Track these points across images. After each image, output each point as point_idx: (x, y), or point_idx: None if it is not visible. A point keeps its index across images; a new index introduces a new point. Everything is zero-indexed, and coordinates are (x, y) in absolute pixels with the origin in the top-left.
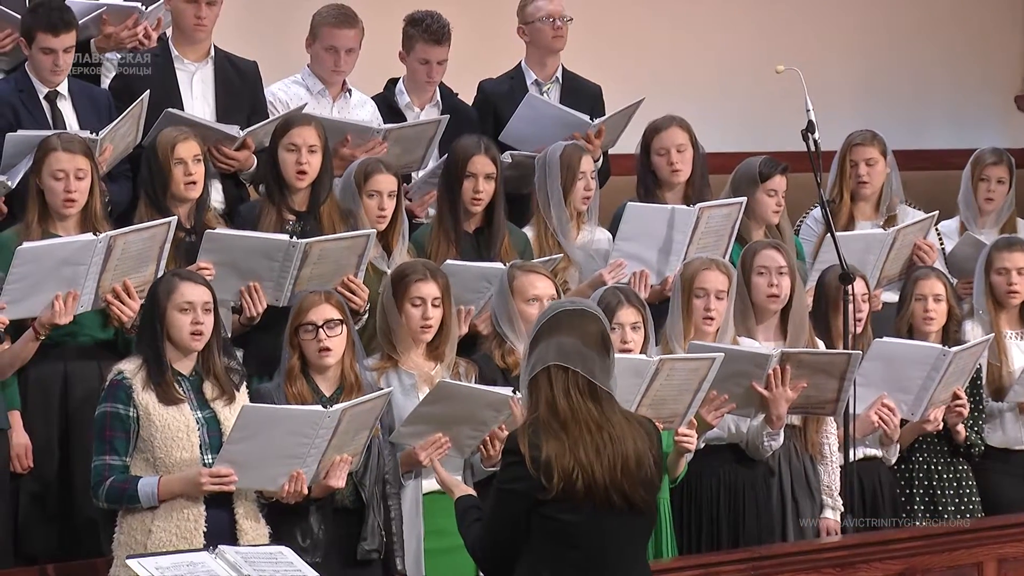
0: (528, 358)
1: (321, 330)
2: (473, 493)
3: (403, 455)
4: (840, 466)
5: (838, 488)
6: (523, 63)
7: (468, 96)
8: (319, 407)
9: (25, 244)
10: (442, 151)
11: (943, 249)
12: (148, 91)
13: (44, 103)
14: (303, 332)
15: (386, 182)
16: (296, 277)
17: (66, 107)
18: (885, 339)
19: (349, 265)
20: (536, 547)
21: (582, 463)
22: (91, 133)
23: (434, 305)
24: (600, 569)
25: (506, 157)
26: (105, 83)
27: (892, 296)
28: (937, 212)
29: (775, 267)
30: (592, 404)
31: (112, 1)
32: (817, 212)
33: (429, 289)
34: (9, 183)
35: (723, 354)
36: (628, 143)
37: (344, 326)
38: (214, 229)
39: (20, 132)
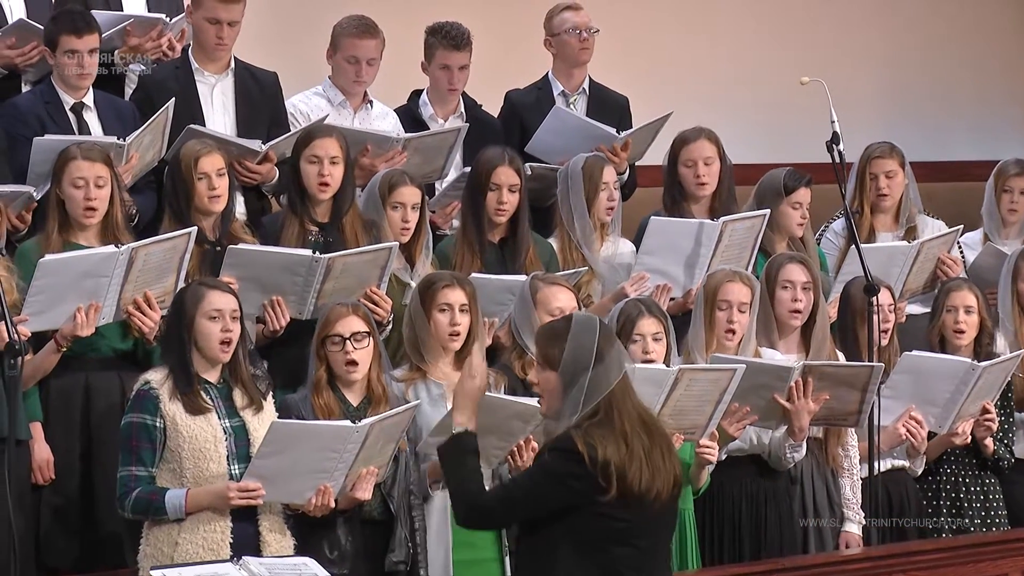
0: (596, 368)
1: (348, 342)
2: (474, 431)
3: (431, 465)
4: (863, 478)
5: (859, 501)
6: (550, 74)
7: (492, 108)
8: (348, 423)
9: (47, 256)
10: (467, 162)
11: (964, 260)
12: (173, 99)
13: (70, 114)
14: (330, 344)
15: (410, 194)
16: (319, 291)
17: (91, 118)
18: (915, 352)
19: (372, 277)
20: (585, 546)
21: (643, 467)
22: (118, 139)
23: (461, 311)
24: (647, 565)
25: (526, 169)
26: (128, 94)
27: (916, 308)
28: (961, 227)
29: (799, 282)
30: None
31: (136, 13)
32: (837, 224)
33: (456, 296)
34: (35, 194)
35: (744, 366)
36: (655, 155)
37: (371, 338)
38: (241, 239)
39: (47, 137)
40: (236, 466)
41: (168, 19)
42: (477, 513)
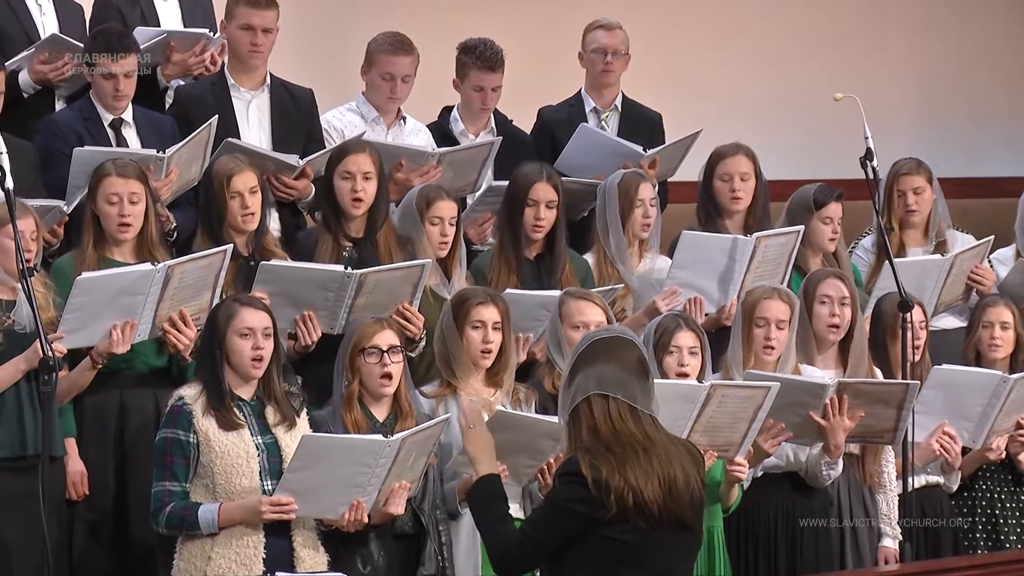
0: (567, 389)
1: (386, 355)
2: (498, 473)
3: (461, 483)
4: (899, 494)
5: (895, 517)
6: (583, 90)
7: (525, 124)
8: (380, 436)
9: (84, 274)
10: (498, 176)
11: (996, 276)
12: (216, 116)
13: (109, 130)
14: (366, 356)
15: (448, 208)
16: (351, 306)
17: (130, 134)
18: (945, 366)
19: (404, 294)
20: (592, 569)
21: (631, 483)
22: (158, 151)
23: (494, 328)
24: None
25: None
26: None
27: (950, 322)
28: (992, 237)
29: (838, 297)
30: (635, 427)
31: (178, 28)
32: (867, 240)
33: (490, 313)
34: (65, 208)
35: (779, 384)
36: (689, 171)
37: (402, 353)
38: (274, 253)
39: (88, 148)
40: (268, 482)
41: (211, 34)
42: (506, 561)
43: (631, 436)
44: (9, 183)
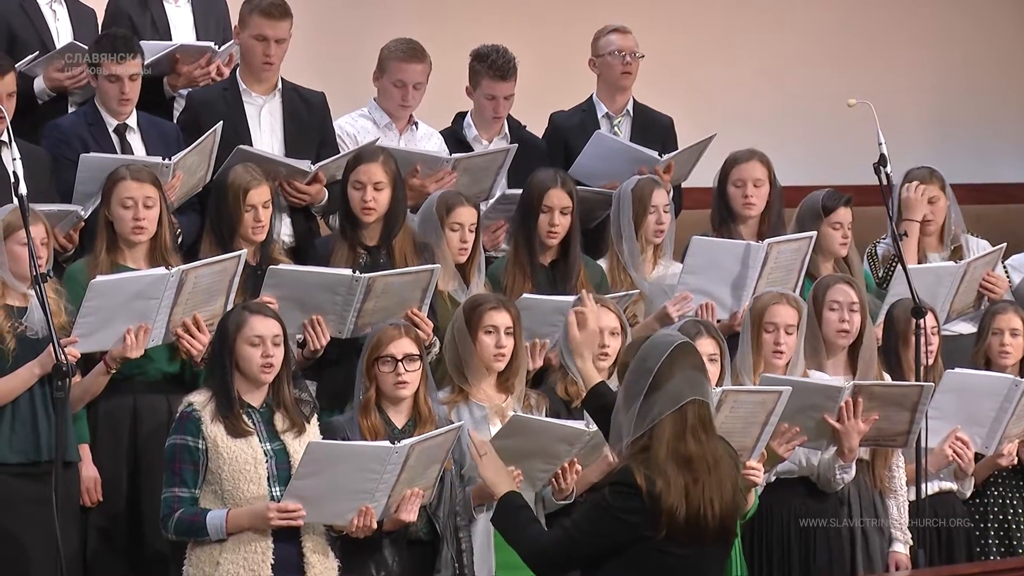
0: (649, 395)
1: (400, 364)
2: (518, 491)
3: (475, 489)
4: (911, 500)
5: (906, 522)
6: (594, 96)
7: (537, 130)
8: (387, 443)
9: (98, 278)
10: (511, 183)
11: (1010, 282)
12: (221, 122)
13: (113, 136)
14: (381, 364)
15: (468, 214)
16: (359, 310)
17: (135, 139)
18: (957, 370)
19: (413, 299)
20: None
21: (690, 504)
22: (163, 159)
23: (507, 334)
24: None
25: None
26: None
27: (963, 328)
28: (1004, 245)
29: (847, 303)
30: (711, 440)
31: (185, 41)
32: (888, 241)
33: (502, 318)
34: (82, 213)
35: (791, 388)
36: (704, 177)
37: (420, 361)
38: (280, 262)
39: (94, 155)
40: (277, 488)
41: (216, 47)
42: (541, 558)
43: (710, 452)
44: (23, 189)
